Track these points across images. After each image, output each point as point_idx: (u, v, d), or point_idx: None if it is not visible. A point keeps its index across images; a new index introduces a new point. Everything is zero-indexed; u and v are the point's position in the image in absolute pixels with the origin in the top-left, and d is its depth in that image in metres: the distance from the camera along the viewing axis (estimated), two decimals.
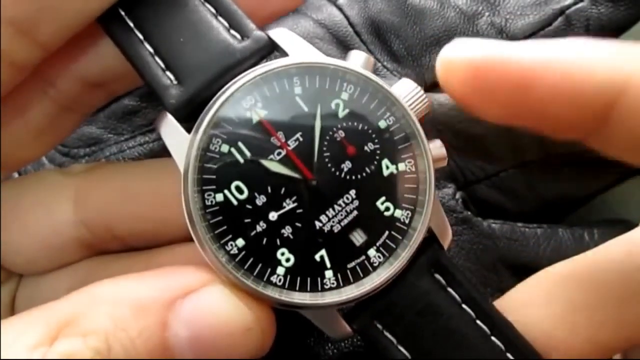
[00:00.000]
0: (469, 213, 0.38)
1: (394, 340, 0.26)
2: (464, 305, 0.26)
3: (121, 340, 0.23)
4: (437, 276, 0.26)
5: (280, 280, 0.25)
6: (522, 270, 0.36)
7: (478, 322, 0.26)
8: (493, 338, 0.26)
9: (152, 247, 0.31)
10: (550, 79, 0.22)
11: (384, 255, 0.26)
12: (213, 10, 0.27)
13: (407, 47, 0.41)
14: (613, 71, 0.22)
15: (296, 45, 0.26)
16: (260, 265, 0.25)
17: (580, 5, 0.40)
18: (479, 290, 0.26)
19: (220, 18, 0.26)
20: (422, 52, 0.41)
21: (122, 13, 0.26)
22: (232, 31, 0.26)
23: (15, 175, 0.38)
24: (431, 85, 0.41)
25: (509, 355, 0.25)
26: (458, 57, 0.24)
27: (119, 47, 0.27)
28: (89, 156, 0.39)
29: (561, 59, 0.22)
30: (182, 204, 0.25)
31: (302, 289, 0.25)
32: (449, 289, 0.26)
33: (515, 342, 0.25)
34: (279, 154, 0.25)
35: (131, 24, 0.26)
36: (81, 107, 0.30)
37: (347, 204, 0.25)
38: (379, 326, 0.26)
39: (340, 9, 0.42)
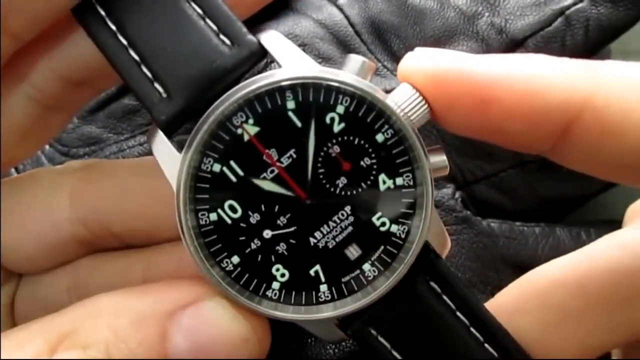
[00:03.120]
0: (468, 212, 0.38)
1: (388, 346, 0.25)
2: (458, 313, 0.25)
3: (121, 351, 0.22)
4: (432, 284, 0.25)
5: (275, 295, 0.25)
6: (522, 268, 0.36)
7: (472, 329, 0.25)
8: (487, 346, 0.25)
9: (150, 244, 0.30)
10: (509, 96, 0.22)
11: (378, 269, 0.25)
12: (200, 12, 0.25)
13: (407, 47, 0.40)
14: (571, 92, 0.22)
15: (289, 55, 0.25)
16: (255, 281, 0.25)
17: (579, 5, 0.39)
18: (475, 298, 0.25)
19: (208, 21, 0.25)
20: None
21: (103, 13, 0.25)
22: (222, 36, 0.25)
23: (14, 174, 0.37)
24: None
25: None
26: (418, 67, 0.24)
27: (104, 54, 0.25)
28: (88, 156, 0.39)
29: (521, 77, 0.22)
30: (175, 222, 0.24)
31: (297, 302, 0.25)
32: (444, 297, 0.25)
33: (509, 350, 0.25)
34: (272, 172, 0.24)
35: (114, 28, 0.25)
36: (67, 106, 0.29)
37: (341, 220, 0.25)
38: (374, 332, 0.25)
39: (340, 9, 0.42)
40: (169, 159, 0.25)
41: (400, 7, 0.41)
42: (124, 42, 0.25)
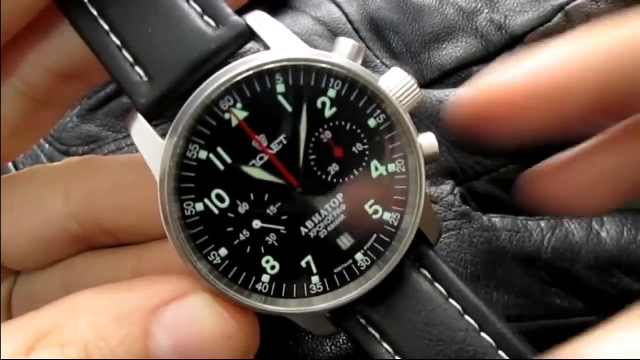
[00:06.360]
0: (467, 207, 0.36)
1: (377, 336, 0.24)
2: (450, 300, 0.24)
3: (101, 349, 0.21)
4: (423, 270, 0.24)
5: (265, 288, 0.23)
6: (527, 260, 0.35)
7: (466, 316, 0.24)
8: (483, 334, 0.24)
9: (143, 241, 0.29)
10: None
11: (371, 258, 0.24)
12: None
13: (406, 44, 0.40)
14: None
15: (277, 36, 0.23)
16: (244, 274, 0.23)
17: (579, 1, 0.39)
18: (468, 285, 0.24)
19: (192, 2, 0.23)
20: (421, 49, 0.40)
21: (85, 0, 0.24)
22: (206, 17, 0.23)
23: (12, 170, 0.37)
24: (430, 82, 0.39)
25: (500, 353, 0.23)
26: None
27: (84, 39, 0.24)
28: (87, 154, 0.38)
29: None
30: (159, 213, 0.23)
31: (288, 295, 0.24)
32: (436, 283, 0.24)
33: (507, 339, 0.23)
34: (261, 158, 0.23)
35: (95, 13, 0.23)
36: (59, 101, 0.28)
37: (333, 209, 0.23)
38: (362, 321, 0.24)
39: (339, 5, 0.41)
40: (151, 146, 0.23)
41: (398, 3, 0.40)
42: (105, 26, 0.23)
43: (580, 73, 0.22)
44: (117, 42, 0.23)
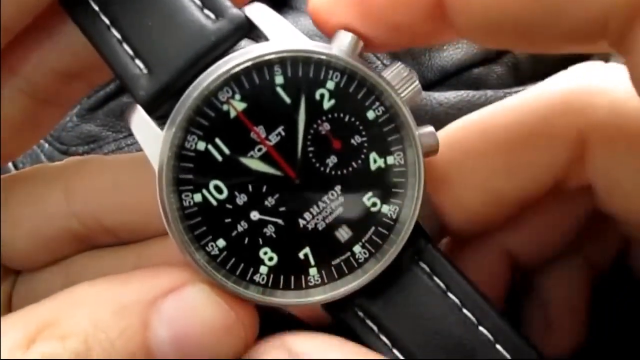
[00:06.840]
0: None
1: (375, 329, 0.24)
2: (449, 294, 0.24)
3: (101, 341, 0.21)
4: (422, 264, 0.24)
5: (263, 279, 0.23)
6: None
7: (464, 310, 0.24)
8: (481, 328, 0.24)
9: (144, 239, 0.29)
10: None
11: (369, 251, 0.24)
12: None
13: None
14: None
15: (276, 27, 0.24)
16: (242, 265, 0.23)
17: None
18: (467, 278, 0.24)
19: None
20: (422, 50, 0.39)
21: None
22: (206, 10, 0.23)
23: (12, 170, 0.37)
24: (431, 84, 0.39)
25: (498, 346, 0.23)
26: None
27: (85, 34, 0.24)
28: (87, 154, 0.38)
29: None
30: (157, 204, 0.23)
31: (286, 287, 0.24)
32: (435, 277, 0.24)
33: (505, 333, 0.23)
34: (259, 150, 0.23)
35: (96, 8, 0.23)
36: (60, 100, 0.28)
37: (332, 201, 0.23)
38: (360, 313, 0.24)
39: None
40: (150, 137, 0.23)
41: None
42: (106, 21, 0.23)
43: None
44: (118, 35, 0.23)
